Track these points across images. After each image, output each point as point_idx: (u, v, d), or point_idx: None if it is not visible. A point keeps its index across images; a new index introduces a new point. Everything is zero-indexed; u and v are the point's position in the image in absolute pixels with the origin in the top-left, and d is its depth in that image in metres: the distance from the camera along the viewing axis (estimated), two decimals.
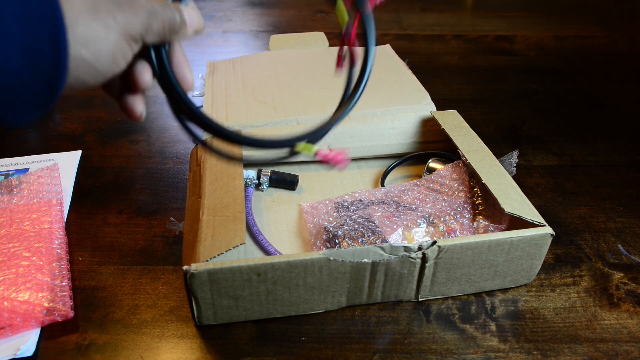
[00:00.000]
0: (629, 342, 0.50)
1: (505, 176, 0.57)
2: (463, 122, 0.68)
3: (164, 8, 0.31)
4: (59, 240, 0.57)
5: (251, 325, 0.51)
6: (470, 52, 1.14)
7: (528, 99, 0.95)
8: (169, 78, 0.33)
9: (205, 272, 0.45)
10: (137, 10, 0.29)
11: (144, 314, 0.52)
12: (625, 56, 1.15)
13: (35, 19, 0.25)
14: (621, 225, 0.65)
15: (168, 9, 0.32)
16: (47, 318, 0.49)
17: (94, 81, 0.29)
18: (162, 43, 0.33)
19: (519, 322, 0.52)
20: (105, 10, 0.28)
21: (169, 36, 0.32)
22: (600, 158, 0.78)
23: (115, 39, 0.28)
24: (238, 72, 0.83)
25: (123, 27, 0.29)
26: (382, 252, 0.48)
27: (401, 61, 0.87)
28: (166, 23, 0.32)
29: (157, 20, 0.31)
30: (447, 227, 0.58)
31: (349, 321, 0.51)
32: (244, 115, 0.71)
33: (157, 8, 0.31)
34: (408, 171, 0.72)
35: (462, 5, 1.47)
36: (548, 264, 0.59)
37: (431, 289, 0.53)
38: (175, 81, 0.34)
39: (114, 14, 0.28)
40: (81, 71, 0.28)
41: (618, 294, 0.55)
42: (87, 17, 0.27)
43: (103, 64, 0.29)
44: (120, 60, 0.30)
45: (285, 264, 0.46)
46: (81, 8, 0.27)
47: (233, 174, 0.57)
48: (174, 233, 0.61)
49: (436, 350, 0.49)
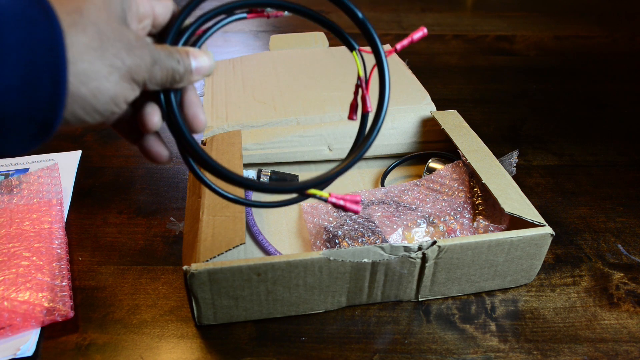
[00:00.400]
0: (629, 342, 0.50)
1: (505, 176, 0.57)
2: (463, 122, 0.68)
3: (167, 57, 0.30)
4: (59, 240, 0.57)
5: (251, 325, 0.51)
6: (470, 52, 1.14)
7: (528, 99, 0.95)
8: (177, 121, 0.32)
9: (205, 272, 0.45)
10: (145, 55, 0.29)
11: (144, 314, 0.52)
12: (625, 56, 1.15)
13: (37, 49, 0.25)
14: (621, 225, 0.65)
15: (171, 58, 0.31)
16: (47, 318, 0.49)
17: (92, 120, 0.29)
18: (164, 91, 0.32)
19: (519, 322, 0.52)
20: (113, 50, 0.27)
21: (170, 85, 0.31)
22: (600, 158, 0.78)
23: (117, 80, 0.28)
24: (238, 72, 0.83)
25: (128, 70, 0.28)
26: (382, 252, 0.48)
27: (401, 61, 0.87)
28: (168, 72, 0.31)
29: (161, 69, 0.30)
30: (447, 227, 0.58)
31: (349, 321, 0.51)
32: (244, 115, 0.71)
33: (161, 56, 0.30)
34: (408, 171, 0.72)
35: (462, 5, 1.47)
36: (548, 264, 0.59)
37: (431, 289, 0.53)
38: (183, 125, 0.32)
39: (122, 56, 0.28)
40: (78, 108, 0.27)
41: (618, 294, 0.55)
42: (92, 55, 0.27)
43: (102, 103, 0.28)
44: (120, 102, 0.29)
45: (285, 264, 0.46)
46: (87, 45, 0.26)
47: None
48: (174, 233, 0.61)
49: (436, 350, 0.49)
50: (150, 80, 0.30)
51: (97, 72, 0.27)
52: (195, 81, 0.33)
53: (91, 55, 0.27)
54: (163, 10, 0.33)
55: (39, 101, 0.26)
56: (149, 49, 0.29)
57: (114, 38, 0.28)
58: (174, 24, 0.32)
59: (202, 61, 0.32)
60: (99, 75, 0.27)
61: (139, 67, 0.28)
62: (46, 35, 0.25)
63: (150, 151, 0.35)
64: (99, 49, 0.27)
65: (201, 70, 0.32)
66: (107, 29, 0.27)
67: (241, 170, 0.58)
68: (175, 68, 0.31)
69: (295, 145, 0.69)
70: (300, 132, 0.68)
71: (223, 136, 0.65)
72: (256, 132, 0.69)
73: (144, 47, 0.29)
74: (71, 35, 0.26)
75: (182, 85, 0.32)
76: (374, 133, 0.37)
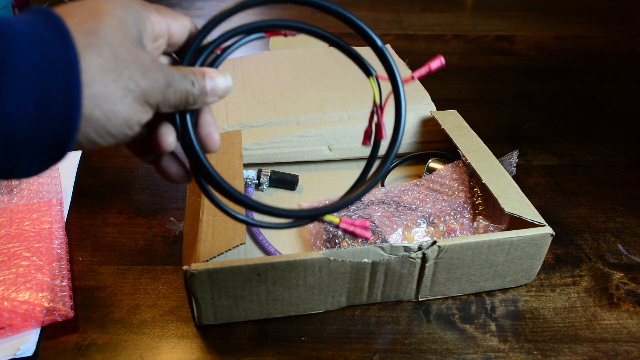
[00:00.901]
0: (629, 342, 0.50)
1: (505, 176, 0.57)
2: (463, 122, 0.68)
3: (181, 79, 0.30)
4: (59, 240, 0.57)
5: (251, 325, 0.51)
6: (470, 52, 1.14)
7: (528, 99, 0.95)
8: (192, 144, 0.32)
9: (205, 272, 0.45)
10: (159, 78, 0.28)
11: (144, 314, 0.52)
12: (625, 56, 1.15)
13: (51, 72, 0.24)
14: (621, 225, 0.65)
15: (185, 80, 0.30)
16: (47, 318, 0.49)
17: (105, 142, 0.28)
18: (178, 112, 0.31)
19: (519, 322, 0.52)
20: (128, 73, 0.27)
21: (185, 107, 0.31)
22: (600, 158, 0.78)
23: (132, 102, 0.27)
24: (238, 72, 0.83)
25: (142, 93, 0.27)
26: (382, 252, 0.48)
27: (401, 61, 0.87)
28: (182, 95, 0.30)
29: (174, 92, 0.29)
30: (447, 227, 0.58)
31: (349, 321, 0.51)
32: (244, 115, 0.71)
33: (175, 78, 0.29)
34: (408, 171, 0.72)
35: (462, 5, 1.47)
36: (548, 264, 0.59)
37: (431, 289, 0.53)
38: (198, 147, 0.32)
39: (137, 79, 0.27)
40: (92, 131, 0.27)
41: (618, 294, 0.55)
42: (107, 77, 0.26)
43: (116, 126, 0.27)
44: (133, 124, 0.28)
45: (285, 264, 0.46)
46: (102, 67, 0.26)
47: (233, 174, 0.57)
48: (174, 233, 0.61)
49: (436, 350, 0.49)
50: (163, 103, 0.29)
51: (111, 95, 0.26)
52: (211, 103, 0.32)
53: (106, 78, 0.26)
54: (179, 29, 0.32)
55: (52, 126, 0.25)
56: (164, 71, 0.29)
57: (129, 60, 0.27)
58: (191, 44, 0.32)
59: (218, 82, 0.32)
60: (113, 98, 0.26)
61: (153, 90, 0.28)
62: (61, 57, 0.25)
63: (166, 171, 0.34)
64: (114, 71, 0.26)
65: (217, 91, 0.32)
66: (122, 51, 0.27)
67: (241, 171, 0.58)
68: (189, 90, 0.30)
69: (295, 145, 0.69)
70: (300, 132, 0.68)
71: (223, 136, 0.65)
72: (256, 132, 0.69)
73: (159, 70, 0.29)
74: (86, 58, 0.26)
75: (197, 107, 0.32)
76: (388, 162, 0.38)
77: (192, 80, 0.30)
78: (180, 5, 1.40)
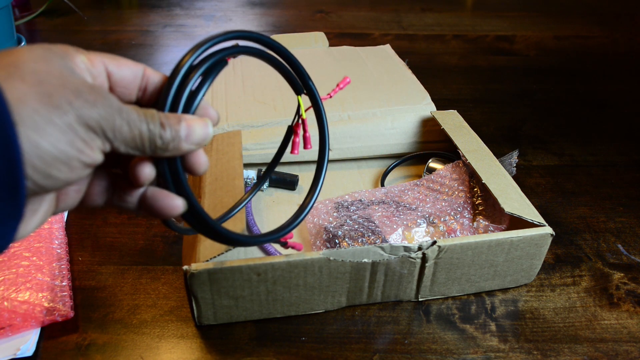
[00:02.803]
0: (629, 342, 0.50)
1: (505, 176, 0.57)
2: (463, 122, 0.68)
3: (141, 119, 0.27)
4: (59, 240, 0.57)
5: (251, 325, 0.51)
6: (470, 52, 1.14)
7: (528, 99, 0.95)
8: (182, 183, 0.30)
9: (205, 272, 0.45)
10: (97, 102, 0.25)
11: (144, 314, 0.52)
12: (625, 56, 1.15)
13: None
14: (621, 225, 0.65)
15: (148, 123, 0.27)
16: (47, 318, 0.49)
17: (64, 175, 0.25)
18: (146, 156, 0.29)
19: (519, 322, 0.52)
20: (60, 95, 0.24)
21: (153, 152, 0.28)
22: (600, 158, 0.78)
23: (70, 122, 0.24)
24: (238, 72, 0.83)
25: (78, 113, 0.25)
26: (382, 252, 0.48)
27: (401, 61, 0.87)
28: (143, 134, 0.27)
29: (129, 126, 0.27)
30: (447, 227, 0.58)
31: (349, 321, 0.51)
32: (244, 115, 0.71)
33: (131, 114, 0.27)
34: (408, 171, 0.72)
35: (462, 5, 1.47)
36: (548, 264, 0.59)
37: (431, 289, 0.53)
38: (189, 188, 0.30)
39: (69, 99, 0.25)
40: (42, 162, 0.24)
41: (618, 294, 0.55)
42: (36, 100, 0.24)
43: (63, 151, 0.24)
44: (82, 147, 0.25)
45: (285, 264, 0.46)
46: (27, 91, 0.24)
47: (233, 174, 0.57)
48: (174, 233, 0.61)
49: (436, 350, 0.49)
50: (115, 136, 0.26)
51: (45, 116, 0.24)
52: (188, 150, 0.29)
53: (35, 100, 0.24)
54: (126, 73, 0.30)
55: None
56: (105, 96, 0.26)
57: (57, 84, 0.25)
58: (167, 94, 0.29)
59: (195, 128, 0.29)
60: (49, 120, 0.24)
61: (90, 111, 0.25)
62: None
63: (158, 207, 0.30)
64: (43, 95, 0.24)
65: (193, 138, 0.29)
66: (48, 77, 0.25)
67: (241, 171, 0.58)
68: (154, 131, 0.27)
69: None
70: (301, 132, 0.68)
71: (223, 136, 0.65)
72: (256, 132, 0.69)
73: (98, 93, 0.26)
74: (9, 86, 0.23)
75: (171, 154, 0.29)
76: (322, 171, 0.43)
77: (161, 122, 0.28)
78: (180, 5, 1.41)
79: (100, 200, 0.32)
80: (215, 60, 0.32)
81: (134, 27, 1.26)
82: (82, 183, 0.30)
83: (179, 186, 0.30)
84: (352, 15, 1.34)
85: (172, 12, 1.35)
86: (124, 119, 0.26)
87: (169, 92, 0.29)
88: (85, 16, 1.30)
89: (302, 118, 0.42)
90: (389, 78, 0.80)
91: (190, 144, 0.29)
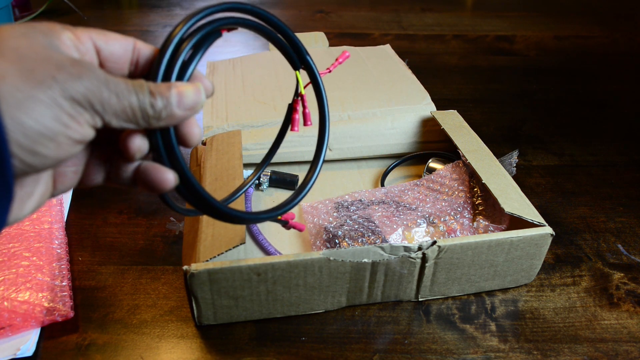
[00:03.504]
0: (629, 342, 0.50)
1: (505, 176, 0.57)
2: (463, 122, 0.68)
3: (129, 89, 0.26)
4: (59, 240, 0.57)
5: (251, 325, 0.51)
6: (470, 52, 1.14)
7: (528, 99, 0.95)
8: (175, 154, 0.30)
9: (205, 272, 0.45)
10: (82, 74, 0.25)
11: (144, 314, 0.52)
12: (625, 56, 1.15)
13: None
14: (621, 225, 0.65)
15: (137, 93, 0.27)
16: (47, 318, 0.49)
17: (52, 152, 0.25)
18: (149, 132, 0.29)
19: (519, 322, 0.52)
20: (43, 70, 0.24)
21: (148, 123, 0.28)
22: (600, 158, 0.78)
23: (54, 97, 0.24)
24: (238, 72, 0.83)
25: (62, 87, 0.24)
26: (382, 252, 0.48)
27: (401, 61, 0.87)
28: (133, 107, 0.27)
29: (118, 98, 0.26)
30: (447, 227, 0.58)
31: (349, 321, 0.51)
32: (244, 115, 0.71)
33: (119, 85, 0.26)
34: (408, 171, 0.72)
35: (462, 5, 1.47)
36: (548, 264, 0.59)
37: (431, 289, 0.53)
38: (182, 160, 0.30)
39: (52, 73, 0.24)
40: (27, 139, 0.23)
41: (618, 294, 0.55)
42: (17, 77, 0.23)
43: (48, 126, 0.24)
44: (69, 122, 0.25)
45: (285, 264, 0.46)
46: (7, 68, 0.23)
47: (233, 174, 0.57)
48: (174, 233, 0.61)
49: (436, 350, 0.49)
50: (105, 109, 0.26)
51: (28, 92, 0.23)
52: (182, 117, 0.29)
53: (17, 76, 0.23)
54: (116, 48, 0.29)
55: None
56: (90, 68, 0.25)
57: (40, 60, 0.24)
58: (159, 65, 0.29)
59: (186, 93, 0.28)
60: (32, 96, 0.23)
61: (75, 84, 0.25)
62: None
63: (151, 181, 0.30)
64: (25, 71, 0.24)
65: (184, 103, 0.28)
66: (30, 53, 0.24)
67: (241, 171, 0.58)
68: (144, 101, 0.27)
69: (295, 145, 0.69)
70: (300, 132, 0.68)
71: (223, 136, 0.65)
72: (256, 132, 0.69)
73: (81, 66, 0.25)
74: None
75: (165, 123, 0.28)
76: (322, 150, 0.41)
77: (150, 90, 0.27)
78: (180, 5, 1.41)
79: (99, 178, 0.31)
80: (208, 31, 0.31)
81: (134, 27, 1.26)
82: (79, 163, 0.30)
83: (172, 158, 0.30)
84: (352, 15, 1.34)
85: (172, 12, 1.35)
86: (112, 90, 0.26)
87: (161, 62, 0.29)
88: (85, 16, 1.30)
89: (301, 94, 0.41)
90: (389, 78, 0.80)
91: (183, 110, 0.28)
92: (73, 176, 0.30)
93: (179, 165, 0.30)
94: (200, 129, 0.31)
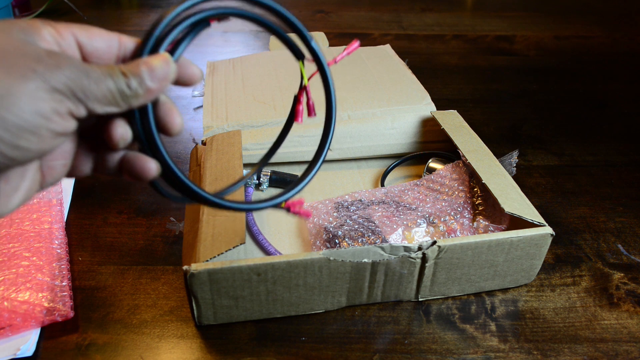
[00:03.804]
0: (629, 342, 0.50)
1: (505, 176, 0.57)
2: (463, 122, 0.68)
3: (104, 74, 0.27)
4: (59, 240, 0.57)
5: (251, 325, 0.51)
6: (470, 52, 1.14)
7: (528, 99, 0.95)
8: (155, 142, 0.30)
9: (205, 272, 0.45)
10: (61, 64, 0.25)
11: (144, 314, 0.52)
12: (625, 56, 1.15)
13: None
14: (621, 225, 0.65)
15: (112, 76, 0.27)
16: (47, 318, 0.49)
17: (35, 146, 0.25)
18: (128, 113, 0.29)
19: (519, 322, 0.52)
20: (21, 63, 0.24)
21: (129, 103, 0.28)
22: (600, 158, 0.78)
23: (34, 89, 0.24)
24: (238, 72, 0.83)
25: (43, 79, 0.24)
26: (382, 252, 0.48)
27: (401, 61, 0.87)
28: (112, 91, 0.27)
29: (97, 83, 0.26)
30: (447, 227, 0.58)
31: (349, 321, 0.51)
32: (244, 115, 0.71)
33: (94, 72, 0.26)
34: (408, 171, 0.72)
35: (462, 5, 1.47)
36: (548, 264, 0.59)
37: (431, 289, 0.53)
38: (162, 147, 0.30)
39: (32, 66, 0.24)
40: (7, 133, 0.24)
41: (618, 294, 0.55)
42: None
43: (30, 121, 0.24)
44: (50, 115, 0.25)
45: (285, 264, 0.46)
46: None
47: (233, 174, 0.57)
48: (174, 233, 0.61)
49: (436, 350, 0.49)
50: (86, 94, 0.26)
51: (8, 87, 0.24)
52: (156, 90, 0.29)
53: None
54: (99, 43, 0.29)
55: None
56: (68, 58, 0.26)
57: (19, 55, 0.24)
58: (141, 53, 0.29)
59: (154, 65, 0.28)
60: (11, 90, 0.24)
61: (55, 74, 0.25)
62: None
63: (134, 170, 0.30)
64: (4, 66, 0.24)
65: (156, 75, 0.28)
66: (8, 47, 0.25)
67: (241, 171, 0.58)
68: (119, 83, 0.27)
69: (295, 145, 0.69)
70: (300, 132, 0.68)
71: (223, 136, 0.65)
72: (256, 132, 0.69)
73: (59, 56, 0.25)
74: None
75: (142, 100, 0.29)
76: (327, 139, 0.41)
77: (122, 72, 0.27)
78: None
79: (87, 169, 0.32)
80: (196, 20, 0.30)
81: (134, 27, 1.26)
82: (68, 157, 0.30)
83: (153, 146, 0.30)
84: (352, 15, 1.34)
85: None
86: (91, 77, 0.26)
87: (144, 50, 0.29)
88: (85, 16, 1.30)
89: (305, 84, 0.41)
90: (389, 78, 0.80)
91: (157, 82, 0.29)
92: (62, 169, 0.30)
93: (159, 154, 0.30)
94: (181, 118, 0.32)
